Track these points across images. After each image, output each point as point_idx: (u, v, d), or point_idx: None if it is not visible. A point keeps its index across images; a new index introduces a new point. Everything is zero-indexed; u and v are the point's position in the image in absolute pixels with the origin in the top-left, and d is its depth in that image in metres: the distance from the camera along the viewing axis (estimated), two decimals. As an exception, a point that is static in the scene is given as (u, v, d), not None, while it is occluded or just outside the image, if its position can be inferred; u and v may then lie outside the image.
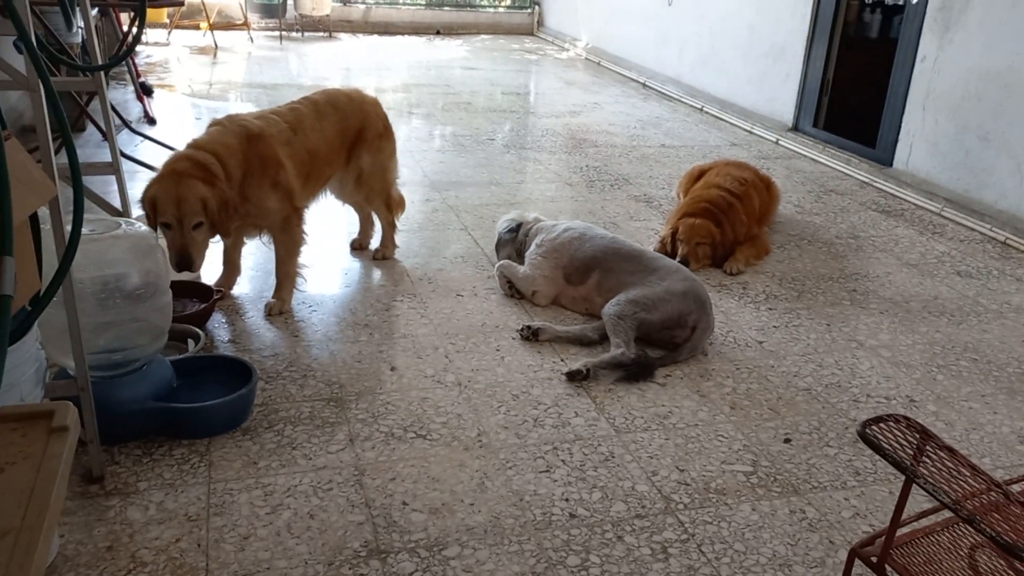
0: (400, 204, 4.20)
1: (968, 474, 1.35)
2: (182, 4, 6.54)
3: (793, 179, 5.77)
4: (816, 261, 4.39)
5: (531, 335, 3.36)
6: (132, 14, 5.71)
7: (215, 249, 3.55)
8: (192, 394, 2.75)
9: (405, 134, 4.33)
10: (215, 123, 3.35)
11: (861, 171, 5.88)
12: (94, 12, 4.45)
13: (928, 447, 1.37)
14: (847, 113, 6.44)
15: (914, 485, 1.44)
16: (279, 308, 3.48)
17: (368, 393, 2.95)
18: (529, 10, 11.58)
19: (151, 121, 6.15)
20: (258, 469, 2.51)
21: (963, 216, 5.06)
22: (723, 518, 2.42)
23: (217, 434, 2.65)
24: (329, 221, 4.42)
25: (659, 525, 2.38)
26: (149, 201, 3.11)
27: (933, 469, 1.34)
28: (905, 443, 1.37)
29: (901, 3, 5.64)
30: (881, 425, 1.43)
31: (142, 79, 6.91)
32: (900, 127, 5.69)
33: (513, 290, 3.74)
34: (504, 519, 2.36)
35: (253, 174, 3.27)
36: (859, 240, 4.72)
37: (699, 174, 4.83)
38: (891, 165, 5.77)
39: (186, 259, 3.13)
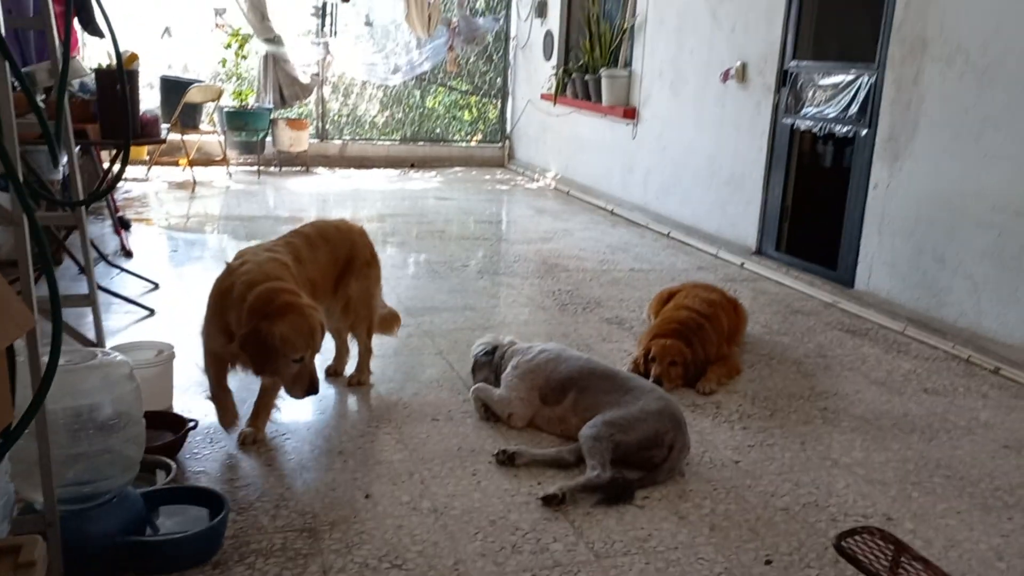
0: (396, 319, 4.36)
1: (943, 585, 1.35)
2: (163, 142, 6.73)
3: (760, 300, 5.91)
4: (787, 380, 4.45)
5: (507, 459, 3.34)
6: (114, 151, 5.87)
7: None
8: (161, 527, 2.68)
9: (380, 262, 4.44)
10: (242, 258, 3.36)
11: (825, 292, 6.05)
12: (77, 150, 4.58)
13: (903, 558, 1.38)
14: (808, 237, 6.67)
15: (893, 599, 1.44)
16: (253, 437, 3.43)
17: (342, 522, 2.89)
18: (500, 144, 12.05)
19: (128, 254, 6.22)
20: (228, 605, 2.43)
21: (926, 335, 5.19)
22: (707, 645, 2.37)
23: (186, 569, 2.57)
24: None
25: (642, 654, 2.31)
26: (281, 340, 3.06)
27: (909, 580, 1.35)
28: (880, 554, 1.38)
29: (851, 136, 5.97)
30: (856, 537, 1.44)
31: (120, 213, 7.02)
32: (859, 250, 5.90)
33: (488, 413, 3.74)
34: (483, 652, 2.29)
35: None
36: (827, 359, 4.81)
37: (668, 296, 4.95)
38: (853, 286, 5.94)
39: (317, 384, 3.23)
